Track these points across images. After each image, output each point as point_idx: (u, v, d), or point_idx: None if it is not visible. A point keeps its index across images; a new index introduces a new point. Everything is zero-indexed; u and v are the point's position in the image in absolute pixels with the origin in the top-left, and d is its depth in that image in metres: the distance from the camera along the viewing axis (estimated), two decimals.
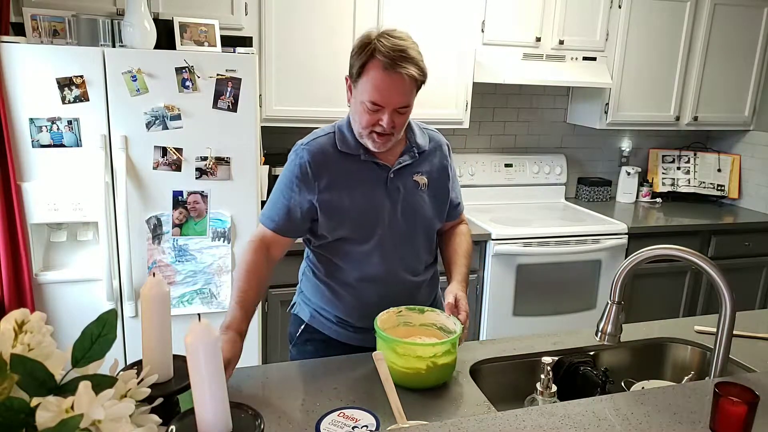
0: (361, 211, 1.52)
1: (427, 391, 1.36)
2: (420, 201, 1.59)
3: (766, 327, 1.77)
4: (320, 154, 1.51)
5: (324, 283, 1.62)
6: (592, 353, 1.62)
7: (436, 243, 1.72)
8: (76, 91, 2.16)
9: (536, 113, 3.71)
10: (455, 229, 1.75)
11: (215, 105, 2.30)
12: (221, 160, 2.35)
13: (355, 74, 1.43)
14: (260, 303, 2.54)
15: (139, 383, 0.85)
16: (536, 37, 3.16)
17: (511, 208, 3.49)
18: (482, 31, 3.06)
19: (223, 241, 2.41)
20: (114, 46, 2.27)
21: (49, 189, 2.21)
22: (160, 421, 0.84)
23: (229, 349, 1.30)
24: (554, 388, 1.39)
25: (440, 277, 1.71)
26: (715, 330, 1.37)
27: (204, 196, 2.36)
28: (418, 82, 1.43)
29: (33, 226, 2.24)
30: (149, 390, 0.86)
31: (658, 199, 3.87)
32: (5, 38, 2.11)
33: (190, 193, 2.35)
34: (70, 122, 2.18)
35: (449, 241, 1.72)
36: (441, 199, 1.65)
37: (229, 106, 2.32)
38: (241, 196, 2.40)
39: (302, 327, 1.69)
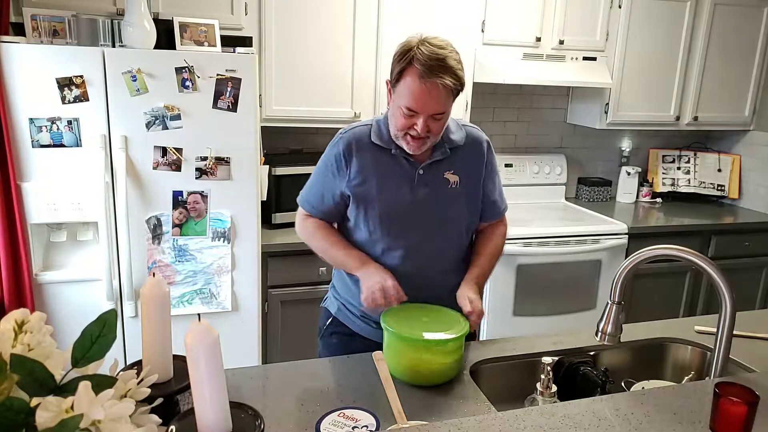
0: (386, 204, 1.56)
1: (427, 391, 1.36)
2: (450, 200, 1.59)
3: (766, 327, 1.77)
4: (355, 143, 1.57)
5: (350, 275, 1.63)
6: (592, 353, 1.62)
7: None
8: (76, 91, 2.16)
9: (536, 113, 3.71)
10: (489, 229, 1.73)
11: (215, 105, 2.30)
12: (221, 160, 2.35)
13: (394, 79, 1.48)
14: (260, 303, 2.56)
15: (139, 383, 0.85)
16: (536, 37, 3.16)
17: (511, 208, 3.43)
18: (482, 31, 3.06)
19: (223, 241, 2.41)
20: (114, 46, 2.27)
21: (49, 189, 2.21)
22: (160, 421, 0.84)
23: (385, 274, 1.49)
24: (554, 388, 1.39)
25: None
26: (715, 330, 1.37)
27: (204, 196, 2.36)
28: (455, 90, 1.46)
29: (33, 226, 2.24)
30: (149, 390, 0.86)
31: (658, 199, 3.87)
32: (5, 38, 2.11)
33: (190, 193, 2.35)
34: (70, 122, 2.18)
35: (477, 243, 1.70)
36: (476, 198, 1.64)
37: (229, 106, 2.32)
38: (241, 196, 2.40)
39: (329, 320, 1.72)
